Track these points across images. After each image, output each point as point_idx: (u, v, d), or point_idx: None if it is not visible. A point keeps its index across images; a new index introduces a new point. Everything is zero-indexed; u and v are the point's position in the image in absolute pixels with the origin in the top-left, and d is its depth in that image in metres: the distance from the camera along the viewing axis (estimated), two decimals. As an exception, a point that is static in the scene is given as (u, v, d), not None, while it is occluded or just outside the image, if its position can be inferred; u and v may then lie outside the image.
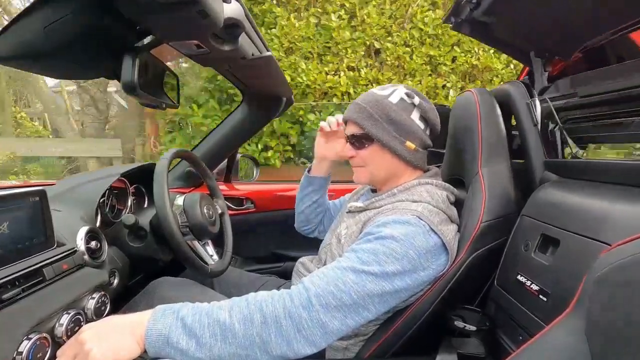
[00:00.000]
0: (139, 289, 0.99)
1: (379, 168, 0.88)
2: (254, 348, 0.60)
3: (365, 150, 0.87)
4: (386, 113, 0.83)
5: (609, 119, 0.83)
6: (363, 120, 0.84)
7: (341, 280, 0.66)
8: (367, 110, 0.84)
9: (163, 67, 0.83)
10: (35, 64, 0.62)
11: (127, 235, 0.96)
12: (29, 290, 0.64)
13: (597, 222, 0.64)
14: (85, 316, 0.71)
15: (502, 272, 0.83)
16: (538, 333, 0.47)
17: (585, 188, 0.76)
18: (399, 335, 0.80)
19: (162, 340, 0.58)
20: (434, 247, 0.73)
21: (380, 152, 0.86)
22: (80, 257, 0.77)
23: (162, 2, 0.53)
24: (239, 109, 1.45)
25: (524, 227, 0.82)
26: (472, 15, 0.97)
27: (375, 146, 0.85)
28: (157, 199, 0.87)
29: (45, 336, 0.61)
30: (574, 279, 0.62)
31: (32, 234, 0.69)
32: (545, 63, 1.04)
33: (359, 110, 0.86)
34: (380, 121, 0.83)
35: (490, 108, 0.91)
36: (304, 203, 1.15)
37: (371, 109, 0.84)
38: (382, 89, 0.88)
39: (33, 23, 0.54)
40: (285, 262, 1.54)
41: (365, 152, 0.87)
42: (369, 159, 0.87)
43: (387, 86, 0.88)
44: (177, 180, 1.46)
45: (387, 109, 0.84)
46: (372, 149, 0.86)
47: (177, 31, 0.65)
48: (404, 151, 0.84)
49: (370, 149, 0.86)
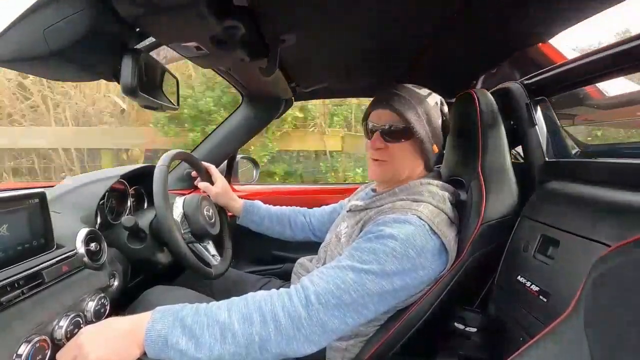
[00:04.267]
0: (138, 291, 0.99)
1: (405, 166, 0.85)
2: (254, 347, 0.60)
3: (398, 144, 0.83)
4: (428, 113, 0.83)
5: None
6: (408, 113, 0.80)
7: (341, 279, 0.66)
8: (412, 105, 0.81)
9: (163, 69, 0.83)
10: (35, 66, 0.62)
11: (126, 237, 0.96)
12: (29, 292, 0.63)
13: (596, 223, 0.64)
14: (84, 318, 0.71)
15: (502, 273, 0.83)
16: (538, 334, 0.47)
17: (585, 189, 0.76)
18: (399, 337, 0.80)
19: (161, 342, 0.58)
20: (434, 247, 0.73)
21: (413, 150, 0.84)
22: (80, 260, 0.76)
23: (161, 5, 0.54)
24: (239, 110, 1.46)
25: (524, 228, 0.82)
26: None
27: (412, 143, 0.83)
28: (159, 211, 0.88)
29: (44, 339, 0.60)
30: (574, 279, 0.62)
31: (31, 236, 0.69)
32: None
33: (403, 102, 0.81)
34: (422, 119, 0.82)
35: (490, 108, 0.91)
36: (270, 231, 1.22)
37: (416, 105, 0.82)
38: (418, 87, 0.86)
39: (32, 25, 0.54)
40: (285, 263, 1.54)
41: (398, 147, 0.83)
42: (400, 155, 0.84)
43: (420, 87, 0.87)
44: (177, 182, 1.46)
45: (429, 109, 0.83)
46: (407, 145, 0.83)
47: (176, 33, 0.65)
48: (430, 153, 0.85)
49: (406, 144, 0.83)
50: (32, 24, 0.54)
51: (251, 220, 1.20)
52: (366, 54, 1.02)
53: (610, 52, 0.73)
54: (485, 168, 0.87)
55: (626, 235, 0.42)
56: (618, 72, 0.78)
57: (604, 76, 0.82)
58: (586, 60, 0.79)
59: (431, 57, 0.97)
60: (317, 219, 1.22)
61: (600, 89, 0.99)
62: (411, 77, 1.13)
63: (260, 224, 1.21)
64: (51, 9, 0.53)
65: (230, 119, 1.47)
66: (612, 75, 0.80)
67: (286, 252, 1.53)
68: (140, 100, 0.73)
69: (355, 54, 1.02)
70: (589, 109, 1.10)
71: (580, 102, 1.08)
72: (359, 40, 0.88)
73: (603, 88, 0.98)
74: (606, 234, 0.60)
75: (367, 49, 0.97)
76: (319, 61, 1.08)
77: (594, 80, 0.87)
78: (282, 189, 1.79)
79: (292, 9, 0.67)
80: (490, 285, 0.87)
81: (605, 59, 0.74)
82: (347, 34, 0.84)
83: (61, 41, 0.56)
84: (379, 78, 1.25)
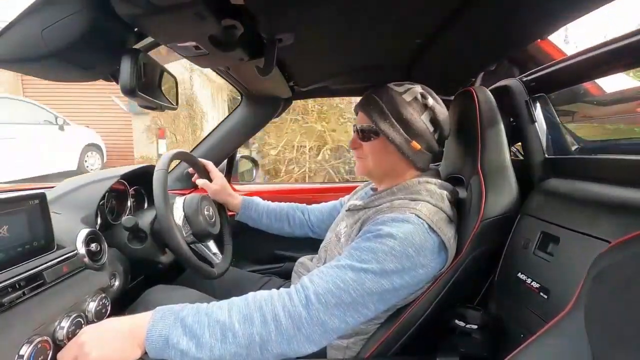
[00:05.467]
0: (139, 291, 0.99)
1: (380, 163, 0.88)
2: (255, 347, 0.60)
3: (370, 143, 0.87)
4: (397, 110, 0.83)
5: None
6: (373, 114, 0.83)
7: (340, 279, 0.66)
8: (379, 105, 0.84)
9: (162, 69, 0.83)
10: (33, 66, 0.62)
11: (127, 238, 0.96)
12: (30, 293, 0.63)
13: (596, 220, 0.64)
14: (86, 319, 0.71)
15: (502, 271, 0.83)
16: (539, 331, 0.47)
17: (584, 185, 0.76)
18: (400, 335, 0.80)
19: (162, 342, 0.58)
20: (433, 246, 0.73)
21: (385, 148, 0.85)
22: (81, 260, 0.76)
23: (160, 4, 0.53)
24: (238, 109, 1.46)
25: (524, 225, 0.82)
26: None
27: (381, 141, 0.85)
28: (160, 214, 0.88)
29: (46, 339, 0.61)
30: (574, 276, 0.62)
31: (32, 237, 0.69)
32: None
33: (371, 102, 0.85)
34: (390, 117, 0.83)
35: (489, 106, 0.91)
36: (268, 227, 1.23)
37: (384, 104, 0.83)
38: (398, 85, 0.87)
39: (30, 26, 0.54)
40: (286, 262, 1.54)
41: (369, 145, 0.87)
42: (372, 152, 0.87)
43: (404, 83, 0.87)
44: (177, 182, 1.46)
45: (400, 106, 0.83)
46: (376, 143, 0.86)
47: (175, 33, 0.65)
48: (408, 150, 0.84)
49: (375, 142, 0.86)
50: (31, 25, 0.54)
51: (249, 217, 1.21)
52: (364, 54, 1.01)
53: (609, 48, 0.73)
54: (485, 165, 0.87)
55: (626, 232, 0.42)
56: (617, 68, 0.78)
57: (603, 72, 0.82)
58: (585, 56, 0.79)
59: (430, 55, 0.97)
60: (316, 215, 1.22)
61: (600, 85, 0.99)
62: (410, 76, 1.13)
63: (258, 220, 1.21)
64: (49, 9, 0.53)
65: (230, 118, 1.47)
66: (611, 71, 0.80)
67: (287, 252, 1.53)
68: (139, 100, 0.73)
69: (353, 54, 1.02)
70: (589, 105, 1.10)
71: (579, 99, 1.09)
72: (357, 40, 0.88)
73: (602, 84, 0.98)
74: (606, 230, 0.60)
75: (365, 49, 0.97)
76: (318, 61, 1.08)
77: (593, 77, 0.87)
78: (282, 188, 1.79)
79: (288, 8, 0.67)
80: (490, 282, 0.87)
81: (604, 54, 0.74)
82: (345, 34, 0.84)
83: (60, 41, 0.55)
84: (377, 78, 1.25)
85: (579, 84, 0.95)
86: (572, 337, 0.42)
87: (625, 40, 0.69)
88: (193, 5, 0.54)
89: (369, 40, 0.89)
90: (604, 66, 0.78)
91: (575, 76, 0.89)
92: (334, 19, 0.75)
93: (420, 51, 0.95)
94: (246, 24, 0.66)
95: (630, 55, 0.71)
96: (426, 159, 0.88)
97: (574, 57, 0.84)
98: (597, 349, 0.39)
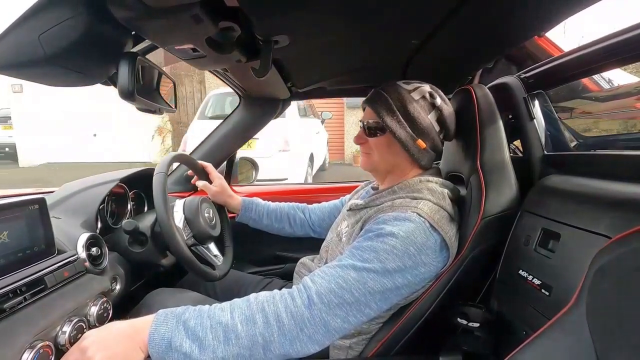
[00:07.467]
0: (140, 294, 0.99)
1: (385, 159, 0.88)
2: (257, 348, 0.60)
3: (375, 139, 0.87)
4: (405, 107, 0.83)
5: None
6: (381, 110, 0.84)
7: (342, 278, 0.66)
8: (388, 101, 0.84)
9: (160, 72, 0.83)
10: (31, 72, 0.61)
11: (127, 241, 0.96)
12: (31, 298, 0.63)
13: (597, 215, 0.64)
14: (88, 323, 0.71)
15: (504, 268, 0.83)
16: (541, 327, 0.47)
17: (584, 181, 0.76)
18: (402, 334, 0.80)
19: (164, 345, 0.58)
20: (435, 244, 0.73)
21: (390, 144, 0.86)
22: (82, 264, 0.76)
23: (157, 8, 0.53)
24: (237, 111, 1.46)
25: (525, 222, 0.82)
26: None
27: (387, 137, 0.85)
28: (160, 218, 0.88)
29: (48, 344, 0.60)
30: (575, 272, 0.62)
31: (32, 243, 0.69)
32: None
33: (379, 99, 0.85)
34: (397, 114, 0.83)
35: (488, 103, 0.91)
36: (269, 228, 1.23)
37: (392, 100, 0.84)
38: (407, 83, 0.87)
39: (28, 31, 0.54)
40: (287, 263, 1.54)
41: (375, 141, 0.87)
42: (377, 148, 0.88)
43: (412, 81, 0.88)
44: (176, 185, 1.46)
45: (407, 103, 0.83)
46: (382, 139, 0.86)
47: (172, 36, 0.65)
48: (413, 148, 0.84)
49: (381, 138, 0.86)
50: (28, 30, 0.54)
51: (250, 218, 1.21)
52: (361, 55, 1.01)
53: (606, 43, 0.73)
54: (485, 163, 0.87)
55: (627, 227, 0.42)
56: (615, 64, 0.78)
57: (601, 68, 0.82)
58: (582, 52, 0.79)
59: (426, 54, 0.97)
60: (317, 214, 1.22)
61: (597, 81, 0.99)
62: (408, 75, 1.13)
63: (259, 221, 1.21)
64: (46, 14, 0.53)
65: (229, 119, 1.47)
66: (608, 66, 0.80)
67: (288, 252, 1.53)
68: (137, 103, 0.73)
69: (350, 55, 1.02)
70: (587, 101, 1.10)
71: (577, 95, 1.09)
72: (354, 40, 0.88)
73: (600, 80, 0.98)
74: (606, 226, 0.60)
75: (362, 50, 0.97)
76: (315, 62, 1.08)
77: (591, 72, 0.87)
78: (281, 188, 1.79)
79: (282, 10, 0.67)
80: (491, 280, 0.87)
81: (602, 50, 0.74)
82: (341, 35, 0.84)
83: (57, 46, 0.55)
84: (374, 78, 1.25)
85: (577, 80, 0.95)
86: (575, 333, 0.42)
87: (622, 35, 0.69)
88: (190, 7, 0.54)
89: (366, 41, 0.89)
90: (601, 62, 0.78)
91: (573, 72, 0.89)
92: (330, 21, 0.75)
93: (416, 50, 0.95)
94: (243, 25, 0.66)
95: (627, 51, 0.71)
96: (430, 158, 0.88)
97: (572, 53, 0.84)
98: (600, 344, 0.39)
